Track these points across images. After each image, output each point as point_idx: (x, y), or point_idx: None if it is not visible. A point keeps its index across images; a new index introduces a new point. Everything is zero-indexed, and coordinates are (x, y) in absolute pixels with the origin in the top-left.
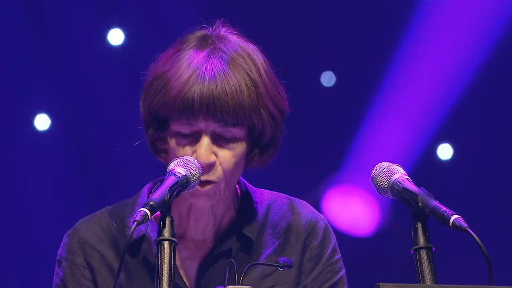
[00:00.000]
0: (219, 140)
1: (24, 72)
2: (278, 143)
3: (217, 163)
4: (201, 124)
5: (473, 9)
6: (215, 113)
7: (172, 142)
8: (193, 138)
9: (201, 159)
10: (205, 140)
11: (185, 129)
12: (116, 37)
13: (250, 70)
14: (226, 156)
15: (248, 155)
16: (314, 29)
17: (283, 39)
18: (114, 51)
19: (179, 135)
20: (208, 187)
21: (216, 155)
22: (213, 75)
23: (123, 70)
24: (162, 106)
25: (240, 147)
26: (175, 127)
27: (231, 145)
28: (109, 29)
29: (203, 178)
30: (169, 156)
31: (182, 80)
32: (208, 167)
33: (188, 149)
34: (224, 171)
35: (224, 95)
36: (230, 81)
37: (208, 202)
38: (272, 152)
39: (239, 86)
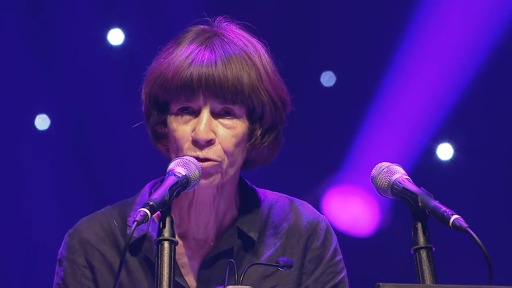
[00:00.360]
0: (218, 118)
1: (24, 72)
2: (280, 136)
3: (217, 141)
4: (200, 102)
5: (473, 8)
6: (214, 89)
7: (172, 124)
8: (193, 117)
9: (199, 135)
10: (204, 116)
11: (184, 107)
12: (116, 37)
13: (251, 53)
14: (226, 135)
15: (248, 140)
16: (314, 29)
17: (283, 39)
18: (114, 51)
19: (178, 115)
20: (208, 163)
21: (215, 133)
22: (212, 53)
23: (123, 70)
24: (161, 88)
25: (239, 127)
26: (175, 107)
27: (231, 123)
28: (109, 29)
29: (202, 155)
30: (170, 138)
31: (181, 59)
32: (207, 144)
33: (187, 127)
34: (224, 150)
35: (223, 71)
36: (230, 59)
37: (210, 182)
38: (273, 143)
39: (239, 64)
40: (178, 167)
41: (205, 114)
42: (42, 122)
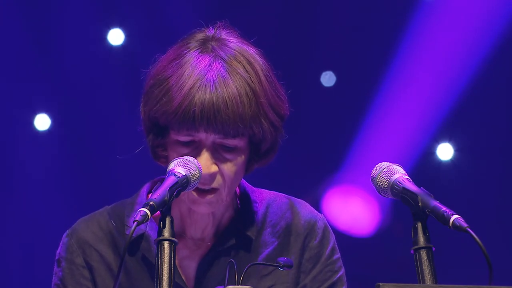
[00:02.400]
0: (219, 150)
1: (24, 72)
2: (278, 146)
3: (218, 172)
4: (201, 135)
5: (473, 8)
6: (215, 126)
7: (172, 151)
8: (194, 148)
9: (203, 171)
10: (206, 153)
11: (185, 139)
12: (116, 37)
13: (251, 79)
14: (227, 166)
15: (248, 162)
16: (314, 29)
17: (283, 39)
18: (114, 51)
19: (179, 144)
20: (209, 196)
21: (217, 165)
22: (214, 87)
23: (123, 70)
24: (162, 115)
25: (240, 157)
26: (175, 136)
27: (232, 155)
28: (109, 29)
29: (205, 187)
30: (169, 161)
31: (183, 92)
32: (210, 177)
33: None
34: (225, 179)
35: (224, 108)
36: (231, 92)
37: (209, 209)
38: (272, 155)
39: (239, 97)
40: (178, 167)
41: (207, 149)
42: (42, 122)
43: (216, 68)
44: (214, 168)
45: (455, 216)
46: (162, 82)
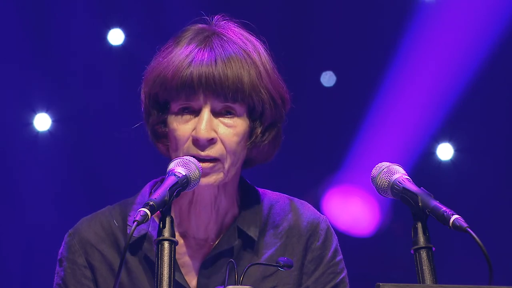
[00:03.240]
0: (219, 117)
1: (24, 72)
2: (280, 133)
3: (218, 140)
4: (200, 101)
5: (473, 9)
6: (214, 87)
7: (172, 123)
8: (194, 116)
9: (201, 134)
10: (205, 115)
11: (185, 107)
12: (116, 37)
13: (251, 51)
14: (227, 133)
15: (249, 138)
16: (314, 29)
17: (283, 38)
18: (114, 51)
19: (179, 114)
20: (209, 164)
21: (216, 132)
22: (212, 52)
23: (123, 70)
24: (161, 87)
25: (240, 125)
26: (175, 106)
27: (232, 121)
28: (109, 29)
29: (204, 153)
30: (170, 138)
31: (180, 58)
32: (208, 143)
33: (188, 127)
34: (225, 148)
35: (223, 70)
36: (230, 58)
37: (213, 180)
38: (273, 141)
39: (239, 62)
40: (178, 167)
41: (206, 113)
42: (42, 122)
43: (215, 39)
44: (213, 134)
45: (455, 216)
46: (160, 62)
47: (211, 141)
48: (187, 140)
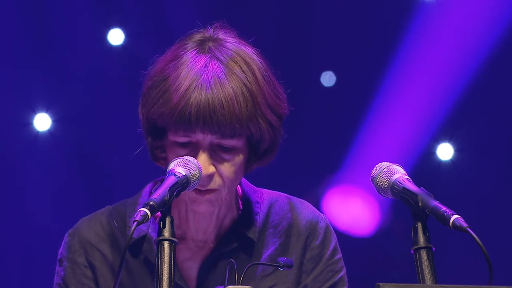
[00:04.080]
0: (217, 151)
1: (24, 72)
2: (278, 146)
3: (217, 173)
4: (198, 136)
5: (473, 9)
6: (212, 126)
7: (171, 152)
8: (191, 149)
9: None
10: (203, 153)
11: (183, 140)
12: (116, 37)
13: (247, 79)
14: (225, 167)
15: (247, 162)
16: (314, 29)
17: (283, 39)
18: (114, 51)
19: (177, 145)
20: (209, 195)
21: (215, 166)
22: (209, 88)
23: (123, 70)
24: (160, 117)
25: (239, 157)
26: (173, 137)
27: (230, 155)
28: (109, 29)
29: (204, 188)
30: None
31: (179, 93)
32: (207, 178)
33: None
34: (224, 180)
35: (220, 108)
36: (226, 93)
37: (209, 208)
38: (272, 155)
39: (235, 97)
40: (178, 167)
41: (204, 150)
42: (42, 122)
43: (212, 69)
44: (212, 169)
45: (455, 216)
46: (159, 83)
47: (210, 176)
48: None
